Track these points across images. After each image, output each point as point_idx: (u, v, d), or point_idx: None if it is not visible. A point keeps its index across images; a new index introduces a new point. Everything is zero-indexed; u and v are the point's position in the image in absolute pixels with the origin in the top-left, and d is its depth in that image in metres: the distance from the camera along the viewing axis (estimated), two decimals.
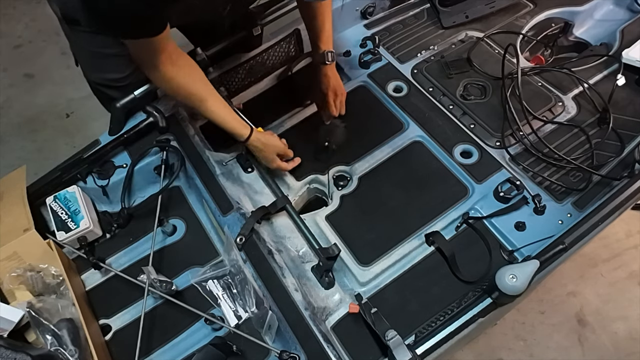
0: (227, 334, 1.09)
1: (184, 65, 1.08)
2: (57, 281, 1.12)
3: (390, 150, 1.28)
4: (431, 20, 1.58)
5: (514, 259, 1.08)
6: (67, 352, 1.01)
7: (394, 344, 0.89)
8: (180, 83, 1.07)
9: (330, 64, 1.28)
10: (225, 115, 1.14)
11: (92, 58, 1.25)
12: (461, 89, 1.38)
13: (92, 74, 1.31)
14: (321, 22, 1.24)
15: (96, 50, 1.22)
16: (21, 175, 1.24)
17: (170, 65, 1.04)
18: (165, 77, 1.05)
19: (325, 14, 1.23)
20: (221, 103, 1.14)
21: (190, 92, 1.09)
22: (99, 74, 1.29)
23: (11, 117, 2.45)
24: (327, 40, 1.26)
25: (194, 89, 1.10)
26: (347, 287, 1.08)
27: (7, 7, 2.91)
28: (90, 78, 1.33)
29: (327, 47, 1.26)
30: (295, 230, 1.14)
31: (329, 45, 1.27)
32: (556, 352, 1.71)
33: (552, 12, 1.57)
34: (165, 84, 1.07)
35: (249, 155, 1.24)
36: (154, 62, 1.01)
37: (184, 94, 1.10)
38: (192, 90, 1.09)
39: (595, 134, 1.27)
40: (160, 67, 1.02)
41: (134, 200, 1.28)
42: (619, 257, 1.89)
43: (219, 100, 1.14)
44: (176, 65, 1.05)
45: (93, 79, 1.32)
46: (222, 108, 1.14)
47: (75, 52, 1.29)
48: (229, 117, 1.15)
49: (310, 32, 1.28)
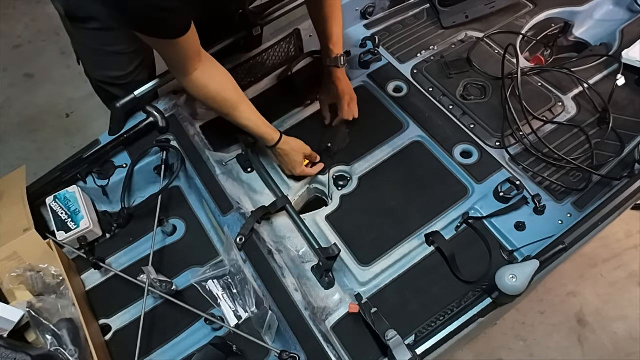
0: (227, 334, 1.09)
1: (216, 71, 1.08)
2: (57, 281, 1.12)
3: (390, 150, 1.28)
4: (431, 20, 1.58)
5: (514, 259, 1.08)
6: (67, 352, 1.01)
7: (394, 344, 0.89)
8: (215, 90, 1.07)
9: (342, 67, 1.27)
10: (257, 120, 1.15)
11: (95, 55, 1.25)
12: (461, 89, 1.38)
13: (95, 72, 1.31)
14: (332, 25, 1.24)
15: (99, 48, 1.22)
16: (21, 175, 1.24)
17: (202, 72, 1.04)
18: (200, 85, 1.05)
19: (336, 16, 1.23)
20: (252, 108, 1.15)
21: (225, 99, 1.09)
22: (102, 72, 1.29)
23: (11, 117, 2.45)
24: (339, 43, 1.26)
25: (228, 95, 1.10)
26: (347, 287, 1.08)
27: (7, 7, 2.91)
28: (93, 75, 1.33)
29: (339, 51, 1.26)
30: (295, 230, 1.14)
31: (340, 48, 1.27)
32: (556, 352, 1.71)
33: (552, 12, 1.57)
34: (200, 91, 1.07)
35: (250, 156, 1.24)
36: (187, 68, 1.01)
37: (219, 101, 1.09)
38: (226, 97, 1.09)
39: (595, 134, 1.27)
40: (193, 74, 1.03)
41: (134, 200, 1.28)
42: (619, 257, 1.89)
43: (250, 105, 1.14)
44: (208, 71, 1.05)
45: (95, 77, 1.32)
46: (254, 113, 1.15)
47: (78, 49, 1.29)
48: (260, 122, 1.15)
49: (322, 36, 1.27)
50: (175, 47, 0.95)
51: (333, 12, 1.22)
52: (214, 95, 1.08)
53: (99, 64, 1.28)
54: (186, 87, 1.07)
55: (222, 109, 1.11)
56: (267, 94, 1.46)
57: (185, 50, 0.98)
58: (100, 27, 1.15)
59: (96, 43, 1.21)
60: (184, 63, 1.01)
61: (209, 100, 1.09)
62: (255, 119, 1.14)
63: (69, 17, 1.16)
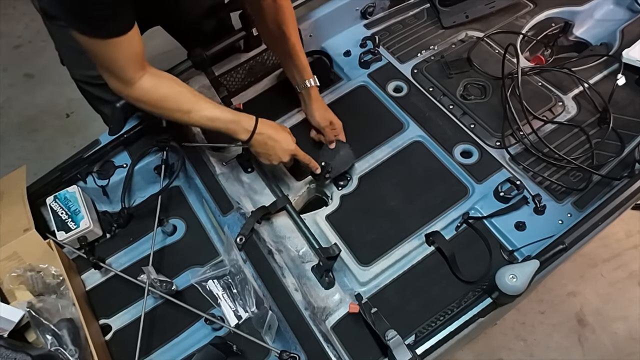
0: (227, 334, 1.09)
1: (163, 74, 1.02)
2: (57, 281, 1.12)
3: (390, 150, 1.28)
4: (431, 20, 1.58)
5: (514, 259, 1.08)
6: (67, 352, 1.01)
7: (394, 343, 0.89)
8: (169, 85, 1.00)
9: (315, 88, 1.25)
10: (224, 109, 1.06)
11: (74, 54, 1.21)
12: (461, 89, 1.37)
13: (75, 71, 1.28)
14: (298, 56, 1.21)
15: (76, 46, 1.15)
16: (21, 175, 1.24)
17: (150, 75, 0.97)
18: (147, 86, 0.97)
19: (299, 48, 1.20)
20: (212, 102, 1.06)
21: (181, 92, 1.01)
22: (82, 70, 1.26)
23: (11, 117, 2.45)
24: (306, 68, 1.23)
25: (184, 89, 1.02)
26: (347, 287, 1.08)
27: (7, 7, 2.92)
28: (73, 75, 1.30)
29: (309, 76, 1.24)
30: (295, 230, 1.14)
31: (309, 72, 1.24)
32: (556, 352, 1.71)
33: (552, 12, 1.57)
34: (149, 93, 0.98)
35: (251, 155, 1.23)
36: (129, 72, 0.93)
37: (175, 96, 1.01)
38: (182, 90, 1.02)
39: (595, 133, 1.27)
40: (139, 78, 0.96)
41: (134, 200, 1.28)
42: (619, 257, 1.89)
43: (209, 101, 1.05)
44: (156, 75, 0.99)
45: (75, 76, 1.29)
46: (218, 105, 1.06)
47: (59, 49, 1.27)
48: (228, 110, 1.07)
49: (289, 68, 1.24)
50: (117, 47, 0.89)
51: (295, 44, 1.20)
52: (168, 91, 1.00)
53: (77, 62, 1.25)
54: (133, 94, 0.98)
55: (180, 106, 1.01)
56: (267, 94, 1.46)
57: (129, 52, 0.91)
58: None
59: (73, 41, 1.15)
60: (128, 67, 0.93)
61: (163, 100, 1.00)
62: (222, 107, 1.06)
63: (45, 15, 1.14)
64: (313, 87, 1.25)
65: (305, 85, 1.25)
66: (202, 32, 1.44)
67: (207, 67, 1.36)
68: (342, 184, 1.25)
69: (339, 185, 1.24)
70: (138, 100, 1.00)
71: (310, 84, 1.24)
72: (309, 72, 1.24)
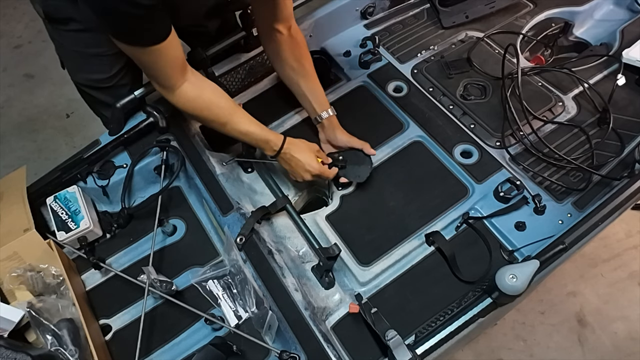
0: (227, 334, 1.09)
1: (206, 82, 1.06)
2: (57, 281, 1.12)
3: (390, 150, 1.28)
4: (431, 20, 1.58)
5: (514, 259, 1.08)
6: (67, 352, 1.01)
7: (394, 344, 0.89)
8: (209, 99, 1.05)
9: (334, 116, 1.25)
10: (257, 124, 1.11)
11: (76, 58, 1.23)
12: (461, 89, 1.38)
13: (77, 75, 1.28)
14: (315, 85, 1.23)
15: (80, 50, 1.19)
16: (21, 175, 1.24)
17: (191, 84, 1.02)
18: (190, 96, 1.02)
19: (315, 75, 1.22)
20: (249, 115, 1.12)
21: (220, 107, 1.07)
22: (84, 75, 1.26)
23: (11, 117, 2.45)
24: (324, 100, 1.24)
25: (223, 103, 1.07)
26: (347, 287, 1.08)
27: (7, 7, 2.92)
28: (75, 79, 1.30)
29: (327, 107, 1.24)
30: (295, 230, 1.14)
31: (327, 103, 1.25)
32: (556, 352, 1.71)
33: (552, 12, 1.57)
34: (191, 103, 1.04)
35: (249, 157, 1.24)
36: (173, 80, 0.98)
37: (214, 110, 1.06)
38: (221, 104, 1.07)
39: (595, 134, 1.27)
40: (182, 87, 1.00)
41: (134, 200, 1.28)
42: (619, 257, 1.89)
43: (246, 112, 1.11)
44: (197, 83, 1.03)
45: (77, 80, 1.30)
46: (252, 119, 1.12)
47: (60, 53, 1.27)
48: (260, 126, 1.12)
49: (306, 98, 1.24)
50: (157, 54, 0.93)
51: (314, 77, 1.22)
52: (209, 104, 1.06)
53: (80, 66, 1.25)
54: (177, 100, 1.04)
55: (218, 118, 1.08)
56: (267, 94, 1.46)
57: (169, 58, 0.95)
58: (80, 28, 1.13)
59: (77, 45, 1.18)
60: (170, 73, 0.98)
61: (204, 111, 1.06)
62: (255, 123, 1.12)
63: (48, 19, 1.14)
64: (332, 115, 1.25)
65: (326, 115, 1.25)
66: (207, 32, 1.44)
67: (207, 67, 1.36)
68: (342, 184, 1.25)
69: (339, 185, 1.24)
70: (179, 107, 1.07)
71: (330, 114, 1.25)
72: (327, 102, 1.26)
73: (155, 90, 1.27)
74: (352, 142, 1.24)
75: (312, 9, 1.49)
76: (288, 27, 1.18)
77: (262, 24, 1.20)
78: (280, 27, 1.17)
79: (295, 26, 1.19)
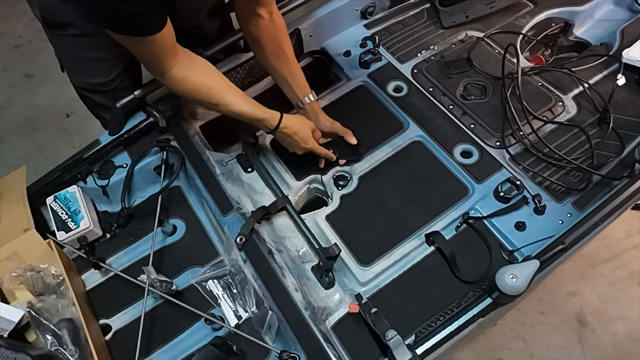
0: (227, 334, 1.09)
1: (196, 62, 1.05)
2: (57, 281, 1.12)
3: (390, 150, 1.28)
4: (431, 20, 1.58)
5: (514, 259, 1.08)
6: (67, 352, 1.01)
7: (394, 344, 0.89)
8: (198, 80, 1.04)
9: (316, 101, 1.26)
10: (252, 103, 1.11)
11: (76, 62, 1.23)
12: (461, 89, 1.38)
13: (76, 79, 1.28)
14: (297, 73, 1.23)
15: (79, 55, 1.19)
16: (21, 175, 1.24)
17: (181, 65, 1.01)
18: (180, 78, 1.02)
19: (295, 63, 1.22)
20: (243, 94, 1.11)
21: (210, 87, 1.06)
22: (83, 79, 1.27)
23: (11, 117, 2.45)
24: (305, 84, 1.25)
25: (212, 83, 1.06)
26: (347, 287, 1.08)
27: (7, 7, 2.92)
28: (74, 83, 1.30)
29: (308, 92, 1.25)
30: (295, 230, 1.14)
31: (308, 88, 1.25)
32: (556, 352, 1.71)
33: (552, 12, 1.57)
34: (182, 85, 1.03)
35: (251, 155, 1.23)
36: (164, 65, 0.99)
37: (205, 91, 1.05)
38: (211, 84, 1.06)
39: (595, 133, 1.27)
40: (172, 69, 1.00)
41: (134, 200, 1.28)
42: (619, 257, 1.89)
43: (239, 91, 1.11)
44: (187, 64, 1.03)
45: (77, 84, 1.30)
46: (247, 98, 1.11)
47: (59, 57, 1.27)
48: (255, 105, 1.11)
49: (289, 86, 1.25)
50: (151, 44, 0.93)
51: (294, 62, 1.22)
52: (198, 86, 1.04)
53: (80, 71, 1.25)
54: (167, 84, 1.05)
55: (210, 99, 1.07)
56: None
57: (162, 46, 0.95)
58: (79, 33, 1.13)
59: (76, 50, 1.18)
60: (161, 60, 0.98)
61: (194, 92, 1.05)
62: (250, 103, 1.11)
63: (47, 24, 1.14)
64: (314, 101, 1.26)
65: (307, 101, 1.25)
66: (206, 34, 1.44)
67: None
68: (342, 184, 1.25)
69: (339, 185, 1.24)
70: (172, 89, 1.07)
71: (311, 99, 1.25)
72: (308, 87, 1.26)
73: (156, 90, 1.28)
74: (335, 126, 1.26)
75: (312, 9, 1.49)
76: (270, 12, 1.16)
77: (244, 8, 1.17)
78: (262, 12, 1.15)
79: (276, 11, 1.18)
